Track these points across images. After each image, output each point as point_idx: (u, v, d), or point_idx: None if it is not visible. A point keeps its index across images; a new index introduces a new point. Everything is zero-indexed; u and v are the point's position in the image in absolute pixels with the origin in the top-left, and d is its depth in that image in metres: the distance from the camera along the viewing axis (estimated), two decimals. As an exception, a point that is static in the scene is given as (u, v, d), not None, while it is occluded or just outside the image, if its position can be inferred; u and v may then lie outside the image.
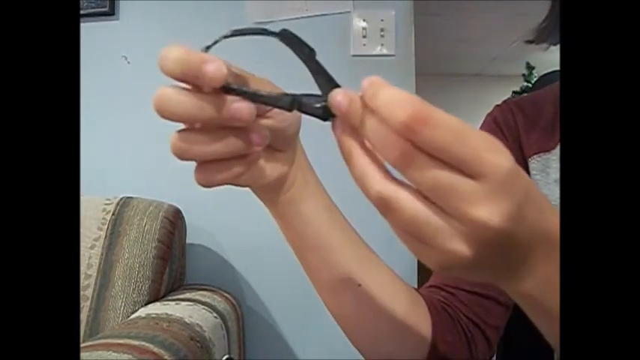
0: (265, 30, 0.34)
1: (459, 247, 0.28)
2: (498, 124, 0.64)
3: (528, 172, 0.61)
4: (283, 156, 0.42)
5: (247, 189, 0.44)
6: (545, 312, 0.35)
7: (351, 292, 0.47)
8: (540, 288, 0.33)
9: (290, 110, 0.33)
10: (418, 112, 0.27)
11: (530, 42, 0.65)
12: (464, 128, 0.27)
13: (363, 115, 0.29)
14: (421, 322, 0.51)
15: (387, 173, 0.30)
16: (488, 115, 0.67)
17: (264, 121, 0.38)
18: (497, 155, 0.28)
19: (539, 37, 0.64)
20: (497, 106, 0.67)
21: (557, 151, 0.59)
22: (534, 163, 0.61)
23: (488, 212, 0.27)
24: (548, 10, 0.63)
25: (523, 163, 0.62)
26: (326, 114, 0.32)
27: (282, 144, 0.41)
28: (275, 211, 0.44)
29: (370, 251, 0.49)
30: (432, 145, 0.27)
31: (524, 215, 0.29)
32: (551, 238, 0.32)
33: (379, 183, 0.29)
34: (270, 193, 0.43)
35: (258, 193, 0.44)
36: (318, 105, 0.32)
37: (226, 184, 0.36)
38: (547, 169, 0.60)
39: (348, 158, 0.31)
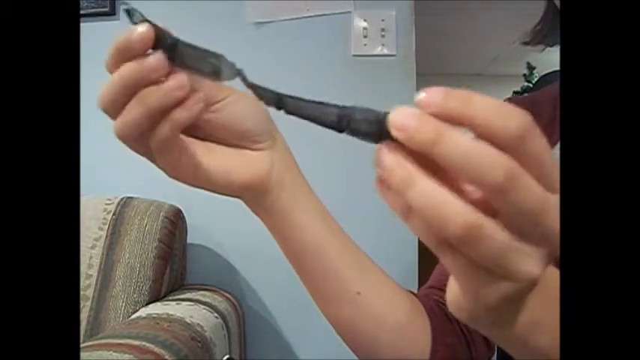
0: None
1: (533, 267, 0.26)
2: None
3: None
4: (258, 155, 0.41)
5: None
6: (535, 352, 0.33)
7: (350, 302, 0.46)
8: (532, 328, 0.31)
9: (339, 130, 0.28)
10: (529, 121, 0.24)
11: (526, 43, 0.65)
12: (544, 140, 0.25)
13: (438, 133, 0.24)
14: (420, 330, 0.50)
15: (466, 199, 0.25)
16: None
17: (209, 115, 0.38)
18: (557, 171, 0.27)
19: (535, 39, 0.64)
20: None
21: (554, 151, 0.59)
22: None
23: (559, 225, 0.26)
24: (543, 12, 0.64)
25: None
26: (381, 134, 0.26)
27: (250, 141, 0.41)
28: (269, 221, 0.44)
29: (367, 258, 0.48)
30: (533, 159, 0.24)
31: None
32: (547, 277, 0.31)
33: (464, 211, 0.24)
34: (257, 197, 0.42)
35: (248, 203, 0.43)
36: (371, 119, 0.26)
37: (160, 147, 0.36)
38: None
39: (406, 186, 0.25)
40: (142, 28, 0.32)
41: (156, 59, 0.33)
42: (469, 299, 0.28)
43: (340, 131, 0.28)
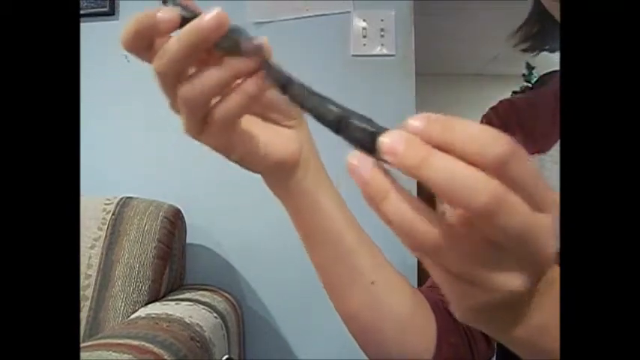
0: None
1: (514, 282, 0.27)
2: (495, 124, 0.64)
3: None
4: (290, 132, 0.41)
5: (247, 189, 0.44)
6: (540, 354, 0.33)
7: (363, 290, 0.46)
8: (537, 331, 0.32)
9: (335, 130, 0.28)
10: (510, 146, 0.24)
11: (525, 51, 0.65)
12: (528, 159, 0.25)
13: (423, 157, 0.24)
14: (427, 324, 0.50)
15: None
16: (484, 116, 0.67)
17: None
18: (550, 189, 0.27)
19: (523, 42, 0.65)
20: (492, 108, 0.67)
21: (552, 152, 0.59)
22: None
23: (554, 244, 0.26)
24: (528, 14, 0.64)
25: None
26: (373, 148, 0.26)
27: (287, 117, 0.41)
28: (291, 202, 0.43)
29: (379, 250, 0.48)
30: (517, 182, 0.24)
31: None
32: (551, 279, 0.31)
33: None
34: (285, 176, 0.42)
35: (272, 181, 0.43)
36: (368, 129, 0.26)
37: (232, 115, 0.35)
38: (542, 170, 0.60)
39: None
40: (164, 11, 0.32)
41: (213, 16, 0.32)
42: (455, 306, 0.29)
43: (336, 132, 0.28)
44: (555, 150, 0.59)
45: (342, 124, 0.27)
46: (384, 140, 0.25)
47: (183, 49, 0.32)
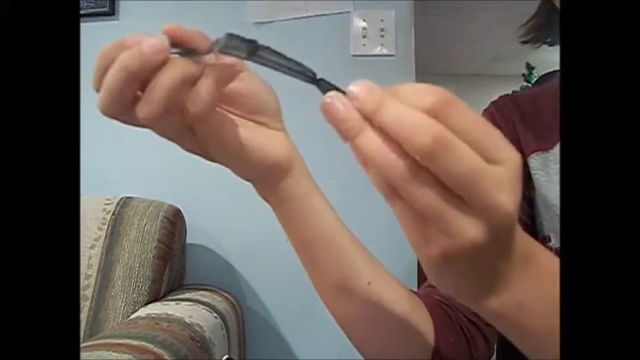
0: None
1: (475, 231, 0.28)
2: (495, 120, 0.64)
3: (528, 171, 0.61)
4: (280, 135, 0.41)
5: (247, 190, 0.43)
6: (518, 329, 0.34)
7: (359, 292, 0.46)
8: (513, 306, 0.32)
9: (313, 81, 0.32)
10: (448, 97, 0.27)
11: (524, 42, 0.65)
12: (478, 116, 0.28)
13: (379, 103, 0.27)
14: (424, 324, 0.50)
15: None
16: (485, 111, 0.66)
17: (235, 84, 0.37)
18: (507, 146, 0.28)
19: (530, 36, 0.65)
20: (493, 102, 0.67)
21: (555, 151, 0.59)
22: (533, 161, 0.61)
23: (507, 198, 0.27)
24: (537, 7, 0.64)
25: (523, 160, 0.61)
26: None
27: (273, 119, 0.41)
28: (282, 207, 0.43)
29: (370, 252, 0.48)
30: (459, 127, 0.27)
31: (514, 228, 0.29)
32: (530, 255, 0.32)
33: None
34: (278, 179, 0.42)
35: (263, 186, 0.42)
36: (334, 86, 0.30)
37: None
38: (546, 168, 0.60)
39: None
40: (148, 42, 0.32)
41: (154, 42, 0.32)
42: (422, 256, 0.30)
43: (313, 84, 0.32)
44: (559, 149, 0.58)
45: (315, 80, 0.32)
46: (352, 88, 0.28)
47: (122, 79, 0.32)
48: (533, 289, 0.32)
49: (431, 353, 0.50)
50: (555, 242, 0.58)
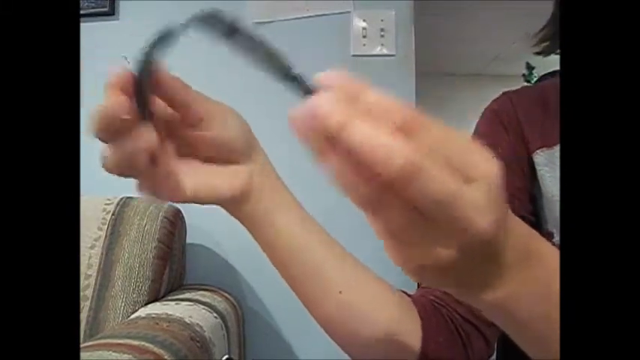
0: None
1: (445, 253, 0.27)
2: (499, 116, 0.63)
3: (532, 167, 0.61)
4: (238, 168, 0.42)
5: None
6: (513, 322, 0.34)
7: (332, 301, 0.47)
8: (510, 299, 0.32)
9: (286, 74, 0.29)
10: (418, 116, 0.25)
11: (538, 53, 0.65)
12: (451, 130, 0.26)
13: (347, 120, 0.25)
14: (410, 328, 0.50)
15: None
16: (487, 108, 0.66)
17: (201, 133, 0.39)
18: (484, 160, 0.26)
19: (543, 45, 0.64)
20: (496, 99, 0.66)
21: (554, 151, 0.59)
22: (538, 157, 0.60)
23: (483, 218, 0.26)
24: (551, 16, 0.63)
25: (527, 156, 0.61)
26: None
27: (235, 156, 0.42)
28: (249, 227, 0.45)
29: (352, 258, 0.49)
30: (432, 148, 0.25)
31: (502, 224, 0.28)
32: (526, 249, 0.32)
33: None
34: (236, 206, 0.43)
35: (228, 210, 0.44)
36: (308, 86, 0.28)
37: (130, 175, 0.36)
38: (551, 164, 0.59)
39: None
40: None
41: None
42: (398, 264, 0.29)
43: (283, 81, 0.29)
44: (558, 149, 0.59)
45: (289, 77, 0.29)
46: (313, 99, 0.25)
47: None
48: (531, 283, 0.32)
49: (417, 355, 0.50)
50: (559, 238, 0.58)
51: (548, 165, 0.60)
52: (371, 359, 0.50)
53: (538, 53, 0.66)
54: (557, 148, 0.59)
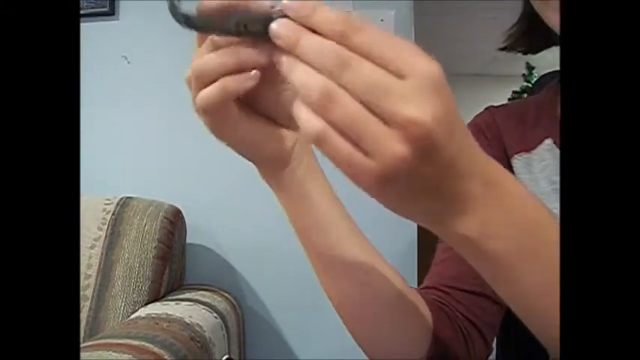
0: None
1: (399, 147, 0.29)
2: (480, 129, 0.66)
3: (512, 171, 0.62)
4: (287, 133, 0.44)
5: (247, 190, 0.44)
6: (485, 257, 0.35)
7: (356, 280, 0.48)
8: (480, 230, 0.33)
9: (237, 34, 0.34)
10: (352, 22, 0.30)
11: (502, 49, 0.67)
12: (390, 35, 0.30)
13: (298, 37, 0.31)
14: (423, 306, 0.51)
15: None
16: (470, 122, 0.68)
17: (281, 93, 0.40)
18: (419, 58, 0.29)
19: (510, 43, 0.66)
20: (479, 114, 0.69)
21: (538, 150, 0.61)
22: (517, 162, 0.62)
23: (417, 109, 0.28)
24: (519, 16, 0.65)
25: (507, 163, 0.63)
26: (267, 25, 0.32)
27: (290, 121, 0.42)
28: (283, 194, 0.45)
29: (371, 244, 0.49)
30: (363, 47, 0.29)
31: (453, 132, 0.30)
32: (493, 180, 0.33)
33: (323, 79, 0.30)
34: (276, 169, 0.44)
35: (265, 173, 0.45)
36: (261, 19, 0.32)
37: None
38: (529, 167, 0.61)
39: (289, 67, 0.31)
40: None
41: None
42: (360, 184, 0.31)
43: (238, 35, 0.34)
44: (541, 149, 0.60)
45: (240, 27, 0.33)
46: (272, 26, 0.31)
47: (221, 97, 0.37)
48: (500, 214, 0.33)
49: (428, 344, 0.50)
50: None
51: (526, 169, 0.61)
52: (381, 343, 0.50)
53: (502, 49, 0.68)
54: (535, 152, 0.60)
